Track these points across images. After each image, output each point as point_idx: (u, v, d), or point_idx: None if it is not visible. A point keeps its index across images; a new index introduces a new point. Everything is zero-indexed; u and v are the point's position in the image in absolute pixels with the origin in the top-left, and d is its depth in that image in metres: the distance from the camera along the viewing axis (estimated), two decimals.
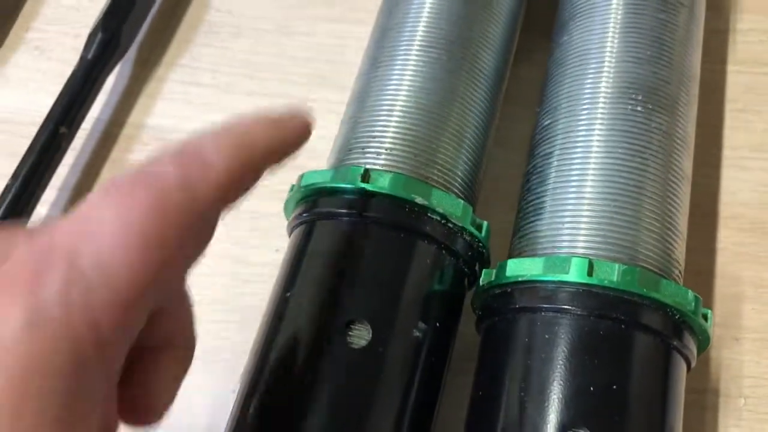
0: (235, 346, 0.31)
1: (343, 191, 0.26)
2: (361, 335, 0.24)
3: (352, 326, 0.24)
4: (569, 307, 0.23)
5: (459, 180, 0.28)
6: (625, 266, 0.23)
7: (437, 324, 0.25)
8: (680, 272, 0.26)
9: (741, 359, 0.30)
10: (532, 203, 0.27)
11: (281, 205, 0.30)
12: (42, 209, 0.35)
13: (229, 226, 0.34)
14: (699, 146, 0.33)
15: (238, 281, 0.33)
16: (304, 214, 0.27)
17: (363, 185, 0.25)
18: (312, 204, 0.27)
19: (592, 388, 0.22)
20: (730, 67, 0.35)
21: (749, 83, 0.35)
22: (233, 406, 0.25)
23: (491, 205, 0.31)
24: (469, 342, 0.27)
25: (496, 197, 0.32)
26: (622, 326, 0.23)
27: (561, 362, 0.23)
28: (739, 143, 0.34)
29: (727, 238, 0.32)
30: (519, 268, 0.24)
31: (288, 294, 0.25)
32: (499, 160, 0.32)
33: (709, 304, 0.31)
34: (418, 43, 0.29)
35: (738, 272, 0.31)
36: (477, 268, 0.27)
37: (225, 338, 0.32)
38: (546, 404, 0.22)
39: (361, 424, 0.23)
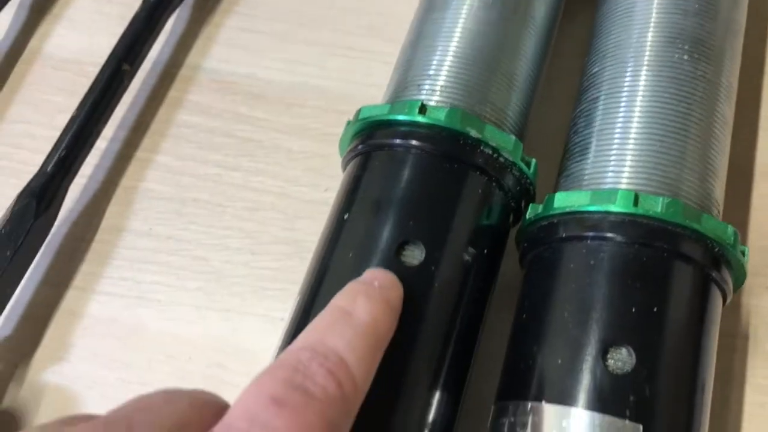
0: (285, 276, 0.33)
1: (400, 123, 0.27)
2: (414, 255, 0.25)
3: (406, 246, 0.25)
4: (614, 236, 0.24)
5: (510, 119, 0.29)
6: (669, 199, 0.24)
7: (484, 251, 0.26)
8: (719, 211, 0.27)
9: None
10: (578, 144, 0.28)
11: (332, 148, 0.32)
12: (101, 144, 0.37)
13: (285, 166, 0.36)
14: (739, 107, 0.34)
15: (290, 217, 0.35)
16: (360, 147, 0.28)
17: (420, 118, 0.27)
18: (368, 136, 0.28)
19: (634, 309, 0.23)
20: None
21: None
22: (283, 333, 0.26)
23: (539, 154, 0.32)
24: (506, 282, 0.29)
25: (544, 147, 0.33)
26: (664, 254, 0.24)
27: (604, 286, 0.24)
28: None
29: (762, 194, 0.33)
30: (566, 199, 0.26)
31: (345, 216, 0.27)
32: (545, 112, 0.34)
33: None
34: None
35: None
36: (523, 205, 0.29)
37: (276, 269, 0.34)
38: (589, 324, 0.23)
39: (413, 339, 0.24)
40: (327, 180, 0.35)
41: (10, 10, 0.41)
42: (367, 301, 0.22)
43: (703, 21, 0.29)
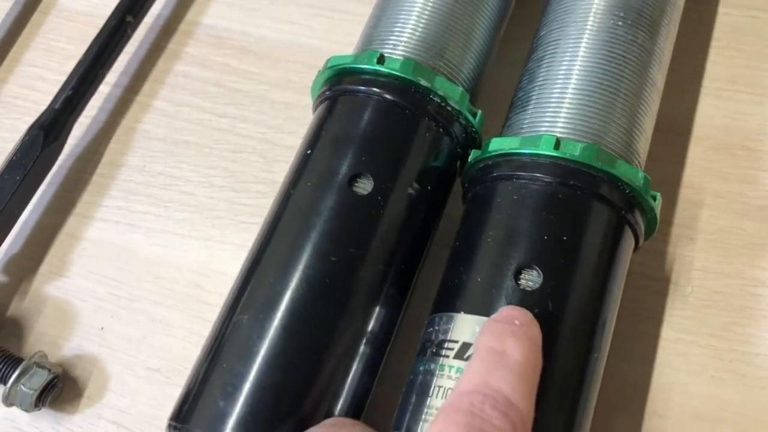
0: (261, 212, 0.36)
1: (362, 72, 0.31)
2: (364, 186, 0.29)
3: (358, 179, 0.29)
4: (536, 175, 0.28)
5: (463, 75, 0.32)
6: (586, 144, 0.28)
7: (428, 188, 0.30)
8: (639, 162, 0.30)
9: (693, 255, 0.34)
10: (520, 99, 0.32)
11: (311, 100, 0.35)
12: (104, 88, 0.41)
13: (268, 114, 0.40)
14: (683, 75, 0.38)
15: (269, 160, 0.38)
16: (327, 92, 0.32)
17: (378, 67, 0.30)
18: (335, 83, 0.32)
19: (545, 237, 0.27)
20: (721, 9, 0.39)
21: (735, 24, 0.39)
22: (252, 245, 0.30)
23: (495, 109, 0.35)
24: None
25: (497, 105, 0.36)
26: (578, 192, 0.28)
27: (523, 217, 0.27)
28: (718, 76, 0.38)
29: (696, 154, 0.36)
30: (500, 144, 0.29)
31: (308, 152, 0.30)
32: (503, 75, 0.37)
33: (672, 208, 0.35)
34: None
35: (701, 183, 0.35)
36: (469, 152, 0.32)
37: (253, 206, 0.37)
38: (507, 248, 0.27)
39: (362, 258, 0.28)
40: (305, 128, 0.38)
41: None
42: (516, 341, 0.24)
43: None
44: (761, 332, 0.32)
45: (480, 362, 0.24)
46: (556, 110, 0.30)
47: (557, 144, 0.28)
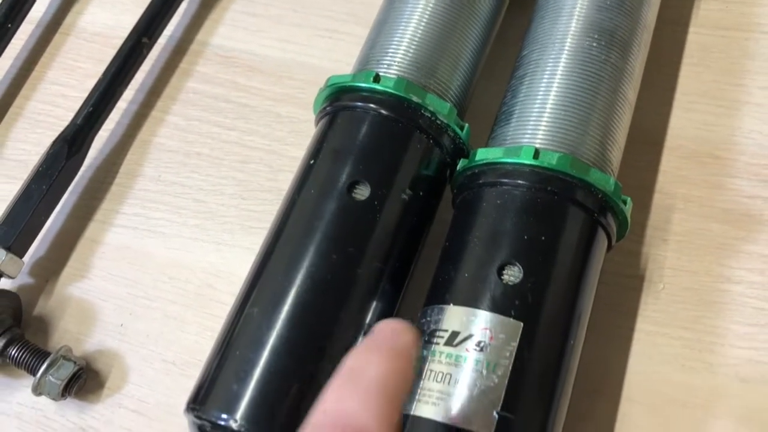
0: (268, 217, 0.39)
1: (360, 89, 0.34)
2: (362, 192, 0.32)
3: (356, 185, 0.32)
4: (518, 182, 0.31)
5: (452, 91, 0.36)
6: (562, 154, 0.31)
7: (420, 194, 0.33)
8: (612, 170, 0.33)
9: (665, 255, 0.37)
10: (504, 113, 0.35)
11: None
12: (122, 104, 0.44)
13: (274, 127, 0.43)
14: (656, 89, 0.41)
15: (275, 170, 0.42)
16: (328, 108, 0.35)
17: (374, 85, 0.34)
18: (335, 99, 0.35)
19: (525, 237, 0.30)
20: (691, 29, 0.42)
21: (704, 43, 0.42)
22: (261, 246, 0.33)
23: (483, 122, 0.39)
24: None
25: (484, 118, 0.39)
26: (555, 197, 0.31)
27: (506, 219, 0.30)
28: (689, 90, 0.41)
29: (669, 162, 0.39)
30: (485, 154, 0.32)
31: (311, 162, 0.34)
32: (489, 88, 0.40)
33: (646, 212, 0.38)
34: None
35: (673, 189, 0.38)
36: (458, 161, 0.35)
37: (261, 212, 0.40)
38: (491, 247, 0.30)
39: (360, 257, 0.31)
40: (308, 140, 0.41)
41: None
42: (375, 355, 0.23)
43: (613, 15, 0.35)
44: (727, 324, 0.35)
45: (335, 383, 0.23)
46: (537, 123, 0.33)
47: (536, 154, 0.31)
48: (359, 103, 0.34)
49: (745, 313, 0.35)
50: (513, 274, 0.29)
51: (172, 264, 0.40)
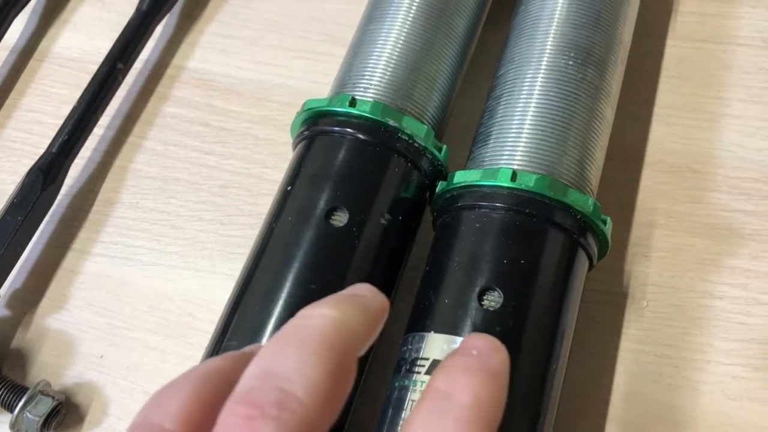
0: (248, 243, 0.39)
1: (336, 114, 0.34)
2: (340, 218, 0.32)
3: (334, 212, 0.32)
4: (497, 204, 0.31)
5: (429, 113, 0.35)
6: (540, 175, 0.31)
7: (399, 218, 0.33)
8: (591, 190, 0.33)
9: (647, 271, 0.37)
10: (482, 133, 0.35)
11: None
12: (98, 131, 0.44)
13: (252, 150, 0.42)
14: (635, 103, 0.41)
15: (254, 194, 0.41)
16: (305, 132, 0.35)
17: (350, 109, 0.33)
18: (312, 124, 0.35)
19: (505, 261, 0.30)
20: (669, 42, 0.42)
21: (682, 55, 0.42)
22: (239, 276, 0.33)
23: (458, 143, 0.38)
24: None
25: (465, 137, 0.39)
26: (534, 219, 0.30)
27: (485, 243, 0.30)
28: (667, 103, 0.41)
29: (649, 177, 0.39)
30: (463, 176, 0.32)
31: (289, 188, 0.33)
32: (466, 108, 0.40)
33: (628, 229, 0.38)
34: (404, 7, 0.37)
35: (654, 205, 0.38)
36: (437, 183, 0.35)
37: (240, 237, 0.40)
38: (471, 272, 0.30)
39: (339, 284, 0.31)
40: (287, 163, 0.41)
41: (24, 16, 0.48)
42: (468, 377, 0.20)
43: (589, 33, 0.35)
44: (712, 340, 0.35)
45: (423, 410, 0.20)
46: (514, 144, 0.33)
47: (514, 176, 0.31)
48: (336, 128, 0.34)
49: (729, 328, 0.35)
50: (493, 300, 0.29)
51: (152, 292, 0.39)
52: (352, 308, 0.21)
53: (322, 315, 0.21)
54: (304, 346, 0.19)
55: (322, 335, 0.20)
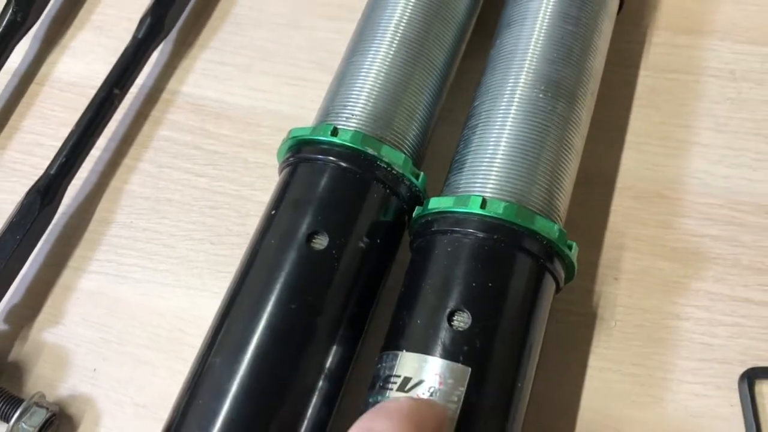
0: (236, 262, 0.41)
1: (319, 142, 0.36)
2: (321, 242, 0.33)
3: (315, 235, 0.33)
4: (468, 230, 0.33)
5: (408, 142, 0.37)
6: (508, 203, 0.33)
7: (378, 241, 0.35)
8: (559, 216, 0.35)
9: (616, 293, 0.39)
10: (457, 162, 0.37)
11: None
12: (95, 153, 0.46)
13: (242, 173, 0.44)
14: (608, 131, 0.43)
15: (243, 215, 0.43)
16: (290, 159, 0.37)
17: (332, 138, 0.35)
18: (297, 151, 0.36)
19: (474, 284, 0.31)
20: (641, 72, 0.44)
21: (653, 85, 0.44)
22: (225, 295, 0.34)
23: (439, 167, 0.40)
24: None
25: (445, 162, 0.41)
26: (503, 245, 0.32)
27: (456, 266, 0.32)
28: (639, 131, 0.43)
29: (619, 202, 0.41)
30: (437, 203, 0.34)
31: (273, 212, 0.35)
32: (446, 135, 0.42)
33: (598, 251, 0.40)
34: (386, 40, 0.38)
35: (624, 229, 0.40)
36: (415, 208, 0.37)
37: (229, 256, 0.42)
38: (442, 293, 0.32)
39: (320, 304, 0.32)
40: (275, 185, 0.43)
41: (25, 42, 0.50)
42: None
43: (560, 67, 0.37)
44: (677, 360, 0.37)
45: None
46: (487, 173, 0.35)
47: (484, 203, 0.33)
48: (319, 156, 0.35)
49: (692, 348, 0.37)
50: (462, 320, 0.31)
51: (144, 309, 0.41)
52: (424, 403, 0.29)
53: (403, 401, 0.28)
54: (393, 418, 0.27)
55: (405, 413, 0.27)
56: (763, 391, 0.36)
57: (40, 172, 0.43)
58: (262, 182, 0.44)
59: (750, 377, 0.36)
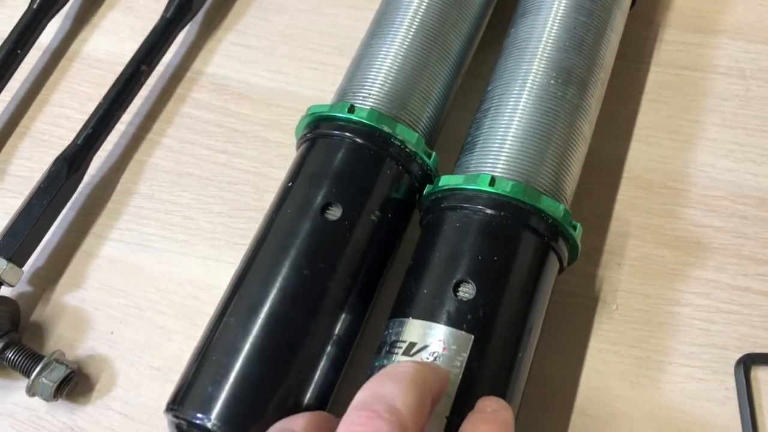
0: (252, 235, 0.43)
1: (336, 119, 0.37)
2: (334, 213, 0.35)
3: (329, 207, 0.35)
4: (476, 206, 0.34)
5: (422, 122, 0.39)
6: (516, 182, 0.34)
7: (389, 215, 0.36)
8: (566, 198, 0.36)
9: (619, 278, 0.40)
10: (469, 143, 0.38)
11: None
12: (120, 127, 0.47)
13: (261, 151, 0.46)
14: (617, 122, 0.44)
15: (260, 191, 0.45)
16: (308, 134, 0.38)
17: (349, 115, 0.37)
18: (314, 127, 0.38)
19: (480, 257, 0.33)
20: (652, 68, 0.46)
21: (663, 80, 0.45)
22: (241, 260, 0.36)
23: (453, 152, 0.41)
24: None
25: (455, 147, 0.42)
26: (509, 221, 0.33)
27: (463, 240, 0.33)
28: (647, 124, 0.44)
29: (625, 192, 0.42)
30: (447, 180, 0.35)
31: (290, 184, 0.36)
32: (459, 121, 0.43)
33: (603, 237, 0.41)
34: (404, 26, 0.40)
35: (629, 217, 0.41)
36: (426, 186, 0.38)
37: (246, 229, 0.43)
38: (449, 265, 0.33)
39: (332, 272, 0.34)
40: None
41: (58, 19, 0.52)
42: (487, 425, 0.28)
43: (571, 56, 0.38)
44: (674, 344, 0.38)
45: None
46: (497, 154, 0.36)
47: (492, 181, 0.34)
48: (336, 132, 0.37)
49: (691, 333, 0.38)
50: (467, 291, 0.32)
51: (162, 277, 0.42)
52: (428, 366, 0.30)
53: (409, 365, 0.29)
54: (400, 381, 0.27)
55: (411, 376, 0.28)
56: (758, 376, 0.37)
57: (66, 143, 0.44)
58: (280, 160, 0.45)
59: (746, 363, 0.37)
